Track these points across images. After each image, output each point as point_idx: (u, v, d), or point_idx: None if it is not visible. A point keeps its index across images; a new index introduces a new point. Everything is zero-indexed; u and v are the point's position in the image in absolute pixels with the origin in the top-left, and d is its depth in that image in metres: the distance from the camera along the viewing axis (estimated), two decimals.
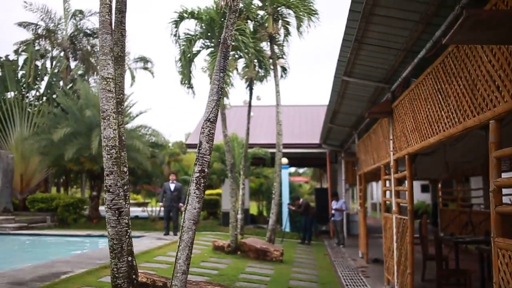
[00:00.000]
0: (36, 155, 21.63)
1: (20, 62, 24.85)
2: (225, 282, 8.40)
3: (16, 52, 25.41)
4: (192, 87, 13.14)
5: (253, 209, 28.49)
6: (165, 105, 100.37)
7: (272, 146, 17.63)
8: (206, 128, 5.55)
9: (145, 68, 33.47)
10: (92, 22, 28.70)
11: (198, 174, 5.44)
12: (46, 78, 24.87)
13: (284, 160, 19.04)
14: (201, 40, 12.72)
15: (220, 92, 5.67)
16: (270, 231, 13.86)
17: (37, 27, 26.44)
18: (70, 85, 25.63)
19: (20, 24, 26.46)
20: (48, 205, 20.86)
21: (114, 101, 4.61)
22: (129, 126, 21.80)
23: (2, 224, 16.83)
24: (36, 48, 26.00)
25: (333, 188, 20.75)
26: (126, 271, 4.84)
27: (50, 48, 27.21)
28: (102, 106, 4.57)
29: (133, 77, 33.29)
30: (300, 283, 9.33)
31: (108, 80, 4.67)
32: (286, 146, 18.27)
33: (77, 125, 19.92)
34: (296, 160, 25.69)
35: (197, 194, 5.38)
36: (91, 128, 19.42)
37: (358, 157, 14.33)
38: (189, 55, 12.55)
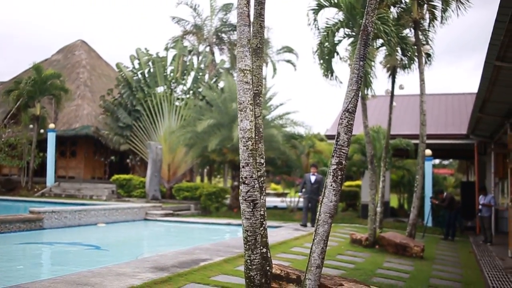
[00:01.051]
0: (182, 146, 22.90)
1: (169, 59, 26.41)
2: (361, 277, 8.17)
3: (166, 48, 27.08)
4: (334, 77, 12.92)
5: (394, 201, 27.61)
6: (307, 97, 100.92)
7: (415, 137, 16.84)
8: (344, 119, 5.38)
9: (288, 61, 33.90)
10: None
11: (335, 166, 5.29)
12: (192, 73, 26.21)
13: (428, 152, 18.12)
14: (341, 29, 12.45)
15: (359, 81, 5.46)
16: (411, 225, 13.26)
17: (186, 23, 27.95)
18: (215, 79, 26.75)
19: (173, 18, 28.15)
20: (192, 194, 22.05)
21: (251, 92, 4.62)
22: (269, 117, 22.19)
23: (150, 210, 18.06)
24: (184, 44, 27.49)
25: (481, 182, 19.36)
26: (259, 263, 4.85)
27: (196, 44, 28.64)
28: (239, 98, 4.62)
29: (274, 69, 33.98)
30: (442, 282, 8.80)
31: (245, 72, 4.70)
32: (430, 136, 17.38)
33: (220, 117, 20.72)
34: (440, 152, 24.38)
35: (333, 187, 5.24)
36: (234, 120, 20.07)
37: (510, 148, 13.16)
38: (329, 45, 12.36)
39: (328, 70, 12.62)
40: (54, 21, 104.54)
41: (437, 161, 45.01)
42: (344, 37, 12.56)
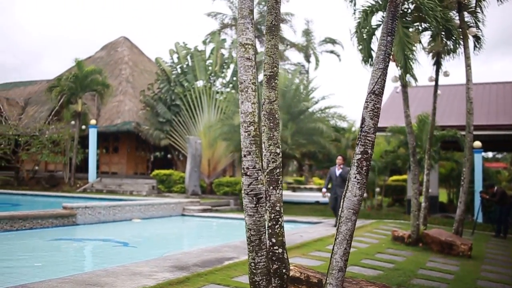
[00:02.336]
0: (221, 140, 22.50)
1: (208, 52, 26.05)
2: (400, 278, 7.46)
3: (204, 42, 26.73)
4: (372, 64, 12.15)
5: (443, 196, 26.40)
6: (353, 90, 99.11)
7: (464, 128, 15.86)
8: (370, 102, 4.74)
9: (331, 52, 33.03)
10: None
11: (360, 156, 4.67)
12: (232, 66, 25.76)
13: (477, 143, 17.06)
14: (379, 12, 11.66)
15: (387, 59, 4.80)
16: (458, 222, 12.34)
17: (224, 16, 27.53)
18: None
19: (208, 14, 27.81)
20: (232, 189, 21.65)
21: (254, 70, 4.01)
22: (311, 110, 21.52)
23: (187, 206, 17.72)
24: (222, 37, 27.07)
25: None
26: (264, 267, 4.22)
27: (236, 36, 28.19)
28: (240, 77, 4.03)
29: (317, 61, 33.20)
30: (491, 284, 7.96)
31: (246, 46, 4.12)
32: (481, 128, 16.34)
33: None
34: (492, 144, 23.09)
35: (358, 180, 4.62)
36: None
37: None
38: (368, 28, 11.60)
39: (368, 55, 11.85)
40: (99, 19, 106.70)
41: (490, 154, 43.07)
42: (381, 21, 11.77)
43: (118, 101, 30.24)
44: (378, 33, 11.99)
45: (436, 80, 13.49)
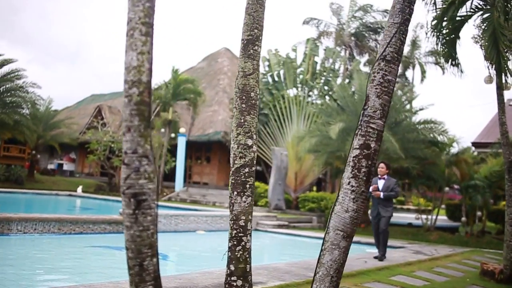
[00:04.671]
0: (310, 153, 21.03)
1: (299, 60, 24.81)
2: None
3: (295, 50, 25.52)
4: (457, 64, 10.20)
5: None
6: (456, 104, 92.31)
7: None
8: (378, 72, 3.22)
9: (437, 63, 30.52)
10: (374, 17, 27.14)
11: (358, 152, 3.15)
12: (324, 74, 24.29)
13: None
14: (468, 1, 9.70)
15: (407, 10, 3.24)
16: None
17: (319, 22, 26.22)
18: (348, 80, 24.55)
19: (304, 22, 26.64)
20: (318, 205, 20.12)
21: (148, 5, 2.53)
22: (408, 120, 19.42)
23: (262, 221, 16.42)
24: (316, 45, 25.73)
25: None
26: None
27: (330, 45, 26.73)
28: (127, 14, 2.63)
29: (423, 72, 30.71)
30: None
31: None
32: None
33: (349, 121, 18.50)
34: None
35: (352, 186, 3.10)
36: None
37: None
38: (451, 22, 9.69)
39: (452, 54, 9.92)
40: (204, 31, 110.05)
41: None
42: (473, 11, 9.78)
43: (212, 111, 29.94)
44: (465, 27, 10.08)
45: None
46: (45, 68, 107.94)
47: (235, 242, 3.43)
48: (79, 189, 24.47)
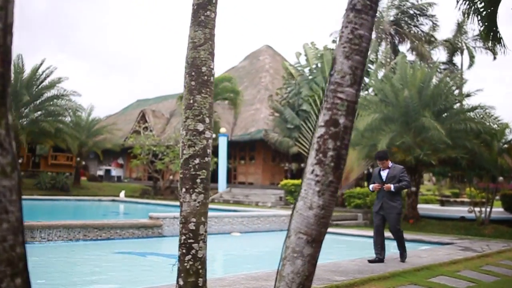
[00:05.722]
0: (351, 146, 20.08)
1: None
2: None
3: (334, 41, 24.59)
4: (498, 39, 9.16)
5: None
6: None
7: None
8: (346, 27, 2.48)
9: (487, 48, 28.89)
10: (411, 3, 25.84)
11: (323, 130, 2.44)
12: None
13: None
14: None
15: None
16: None
17: None
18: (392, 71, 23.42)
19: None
20: (363, 201, 19.21)
21: None
22: (455, 107, 18.20)
23: None
24: None
25: None
26: None
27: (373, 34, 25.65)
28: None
29: (471, 57, 29.16)
30: None
31: None
32: None
33: (388, 111, 17.48)
34: None
35: (317, 175, 2.39)
36: (406, 112, 16.77)
37: None
38: None
39: (492, 28, 8.91)
40: (247, 31, 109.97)
41: None
42: None
43: (254, 109, 29.38)
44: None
45: None
46: (103, 77, 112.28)
47: (184, 251, 2.78)
48: (122, 194, 24.41)
